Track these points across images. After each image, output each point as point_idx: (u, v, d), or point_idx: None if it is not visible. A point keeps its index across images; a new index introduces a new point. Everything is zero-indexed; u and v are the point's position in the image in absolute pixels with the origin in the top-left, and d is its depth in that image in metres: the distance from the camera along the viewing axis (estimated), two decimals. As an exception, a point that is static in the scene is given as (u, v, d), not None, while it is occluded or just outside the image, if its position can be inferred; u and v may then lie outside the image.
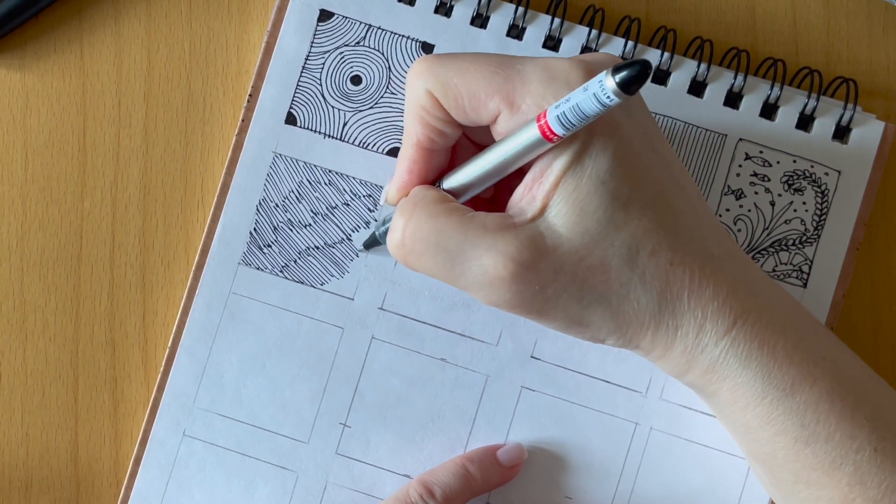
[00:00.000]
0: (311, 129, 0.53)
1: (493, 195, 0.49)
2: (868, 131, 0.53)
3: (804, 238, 0.53)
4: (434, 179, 0.47)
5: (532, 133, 0.43)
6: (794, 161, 0.53)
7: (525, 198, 0.44)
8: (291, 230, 0.53)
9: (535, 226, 0.43)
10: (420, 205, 0.45)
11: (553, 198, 0.43)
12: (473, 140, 0.49)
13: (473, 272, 0.43)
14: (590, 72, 0.43)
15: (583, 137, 0.43)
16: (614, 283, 0.44)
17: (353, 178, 0.53)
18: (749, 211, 0.53)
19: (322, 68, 0.53)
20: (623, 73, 0.39)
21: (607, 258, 0.43)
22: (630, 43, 0.53)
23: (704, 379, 0.45)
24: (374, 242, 0.52)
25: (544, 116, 0.42)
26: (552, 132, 0.42)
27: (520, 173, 0.45)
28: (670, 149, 0.46)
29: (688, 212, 0.45)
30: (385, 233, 0.50)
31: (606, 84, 0.40)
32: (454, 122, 0.46)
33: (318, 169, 0.53)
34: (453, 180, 0.46)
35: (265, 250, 0.53)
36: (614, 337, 0.45)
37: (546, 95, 0.43)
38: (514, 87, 0.44)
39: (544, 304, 0.44)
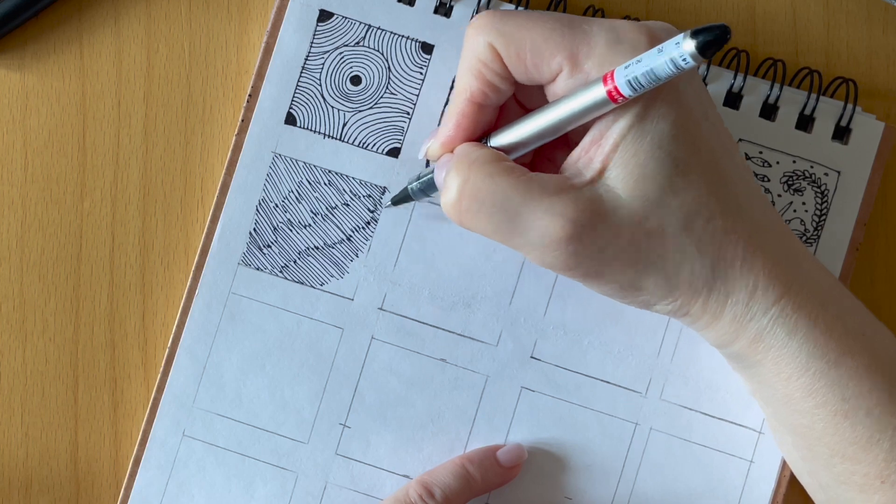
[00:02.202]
0: (311, 130, 0.53)
1: (529, 163, 0.49)
2: (868, 131, 0.53)
3: (804, 238, 0.53)
4: (479, 137, 0.47)
5: (597, 93, 0.42)
6: (794, 161, 0.53)
7: (582, 159, 0.44)
8: (291, 230, 0.53)
9: (594, 188, 0.43)
10: (476, 163, 0.44)
11: (612, 160, 0.43)
12: (521, 102, 0.49)
13: (532, 233, 0.43)
14: (652, 36, 0.43)
15: (644, 101, 0.43)
16: (670, 248, 0.44)
17: (353, 178, 0.53)
18: (749, 211, 0.53)
19: (322, 68, 0.53)
20: (702, 37, 0.39)
21: (664, 223, 0.44)
22: (630, 43, 0.53)
23: (750, 348, 0.45)
24: (405, 198, 0.51)
25: (611, 78, 0.42)
26: (619, 93, 0.42)
27: (561, 140, 0.45)
28: (720, 118, 0.46)
29: (738, 181, 0.45)
30: (419, 189, 0.50)
31: (684, 48, 0.39)
32: (511, 79, 0.45)
33: (318, 169, 0.53)
34: (504, 138, 0.46)
35: (265, 250, 0.53)
36: (666, 302, 0.45)
37: (611, 57, 0.43)
38: (579, 46, 0.43)
39: (599, 266, 0.44)
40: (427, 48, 0.53)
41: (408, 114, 0.53)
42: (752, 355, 0.45)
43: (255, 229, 0.53)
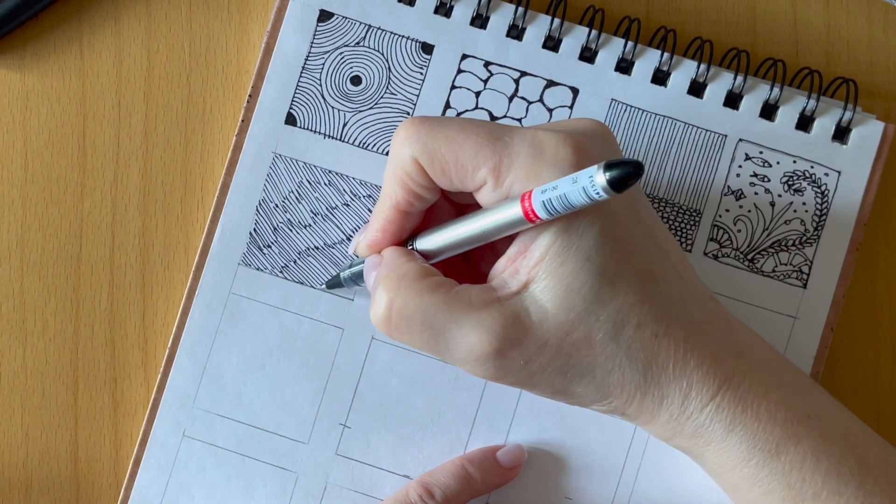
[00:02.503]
0: (311, 130, 0.53)
1: (468, 252, 0.49)
2: (868, 132, 0.53)
3: (804, 238, 0.53)
4: (406, 238, 0.47)
5: (515, 211, 0.42)
6: (794, 161, 0.53)
7: (508, 270, 0.44)
8: (291, 230, 0.53)
9: (519, 300, 0.43)
10: (405, 281, 0.44)
11: (538, 273, 0.43)
12: (450, 199, 0.49)
13: (459, 349, 0.43)
14: (576, 147, 0.43)
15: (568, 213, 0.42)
16: (599, 357, 0.44)
17: (353, 178, 0.53)
18: (749, 211, 0.53)
19: (322, 68, 0.53)
20: (614, 172, 0.38)
21: (592, 333, 0.43)
22: (630, 43, 0.53)
23: (690, 443, 0.45)
24: (337, 284, 0.51)
25: (529, 198, 0.41)
26: (535, 215, 0.41)
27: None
28: (654, 214, 0.46)
29: (672, 280, 0.45)
30: (350, 278, 0.50)
31: (597, 180, 0.39)
32: (436, 188, 0.45)
33: (318, 169, 0.53)
34: (429, 242, 0.46)
35: (265, 251, 0.53)
36: (599, 405, 0.45)
37: (532, 172, 0.43)
38: (501, 161, 0.43)
39: (529, 377, 0.44)
40: (427, 48, 0.53)
41: (408, 114, 0.53)
42: (694, 448, 0.45)
43: (255, 229, 0.53)
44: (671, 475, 0.52)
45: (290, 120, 0.53)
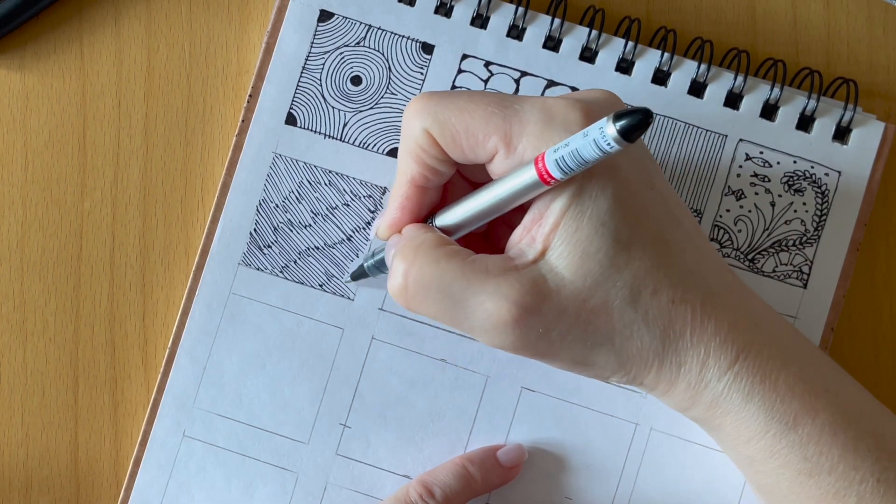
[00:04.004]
0: (311, 130, 0.53)
1: (487, 230, 0.49)
2: (868, 132, 0.53)
3: (804, 238, 0.53)
4: (426, 216, 0.47)
5: (529, 175, 0.42)
6: (795, 162, 0.53)
7: (524, 239, 0.44)
8: (291, 231, 0.53)
9: (536, 268, 0.43)
10: (421, 249, 0.44)
11: (553, 240, 0.43)
12: (466, 177, 0.49)
13: (477, 317, 0.43)
14: (587, 111, 0.43)
15: (581, 178, 0.43)
16: (617, 324, 0.44)
17: (353, 178, 0.53)
18: (749, 211, 0.53)
19: (322, 68, 0.53)
20: (624, 121, 0.39)
21: (610, 299, 0.43)
22: (630, 43, 0.53)
23: (708, 413, 0.45)
24: (362, 274, 0.51)
25: (542, 159, 0.42)
26: (550, 176, 0.42)
27: (517, 208, 0.45)
28: (668, 184, 0.46)
29: (687, 248, 0.45)
30: (374, 265, 0.50)
31: (607, 131, 0.39)
32: (450, 161, 0.46)
33: (318, 169, 0.53)
34: (447, 218, 0.46)
35: (265, 251, 0.53)
36: (618, 375, 0.45)
37: (543, 137, 0.43)
38: (512, 127, 0.43)
39: (548, 346, 0.44)
40: (427, 48, 0.53)
41: (408, 114, 0.53)
42: (712, 419, 0.45)
43: (255, 229, 0.53)
44: (671, 475, 0.52)
45: (291, 120, 0.53)
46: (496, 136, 0.44)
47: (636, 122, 0.39)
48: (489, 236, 0.50)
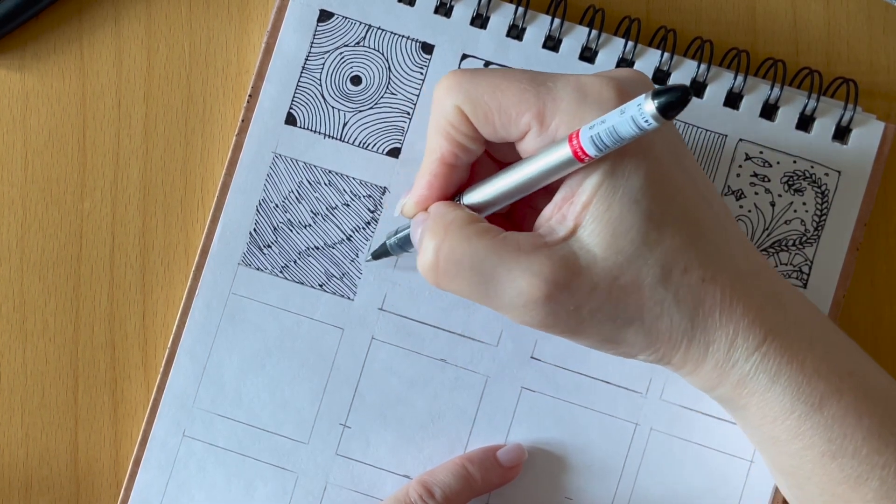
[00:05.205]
0: (311, 130, 0.53)
1: (510, 211, 0.49)
2: (868, 132, 0.53)
3: (804, 238, 0.53)
4: (452, 195, 0.47)
5: (563, 152, 0.42)
6: (795, 161, 0.53)
7: (555, 216, 0.44)
8: (291, 230, 0.53)
9: (567, 245, 0.43)
10: (452, 226, 0.44)
11: (585, 217, 0.43)
12: (494, 156, 0.49)
13: (509, 294, 0.43)
14: (620, 90, 0.43)
15: (613, 156, 0.43)
16: (648, 302, 0.44)
17: (353, 178, 0.53)
18: (749, 211, 0.53)
19: (322, 68, 0.53)
20: (663, 98, 0.39)
21: (641, 277, 0.43)
22: (630, 43, 0.53)
23: (734, 393, 0.45)
24: (384, 253, 0.51)
25: (577, 137, 0.42)
26: (584, 153, 0.41)
27: (542, 189, 0.45)
28: (697, 165, 0.46)
29: (716, 228, 0.45)
30: (397, 244, 0.50)
31: (646, 108, 0.39)
32: (480, 139, 0.45)
33: (318, 169, 0.53)
34: (475, 196, 0.46)
35: (265, 251, 0.53)
36: (646, 353, 0.45)
37: (577, 114, 0.43)
38: (545, 105, 0.43)
39: (579, 323, 0.44)
40: (427, 48, 0.53)
41: (408, 114, 0.53)
42: (738, 399, 0.45)
43: (255, 229, 0.53)
44: (671, 475, 0.52)
45: (290, 120, 0.53)
46: (529, 113, 0.43)
47: (675, 98, 0.38)
48: (512, 217, 0.49)
